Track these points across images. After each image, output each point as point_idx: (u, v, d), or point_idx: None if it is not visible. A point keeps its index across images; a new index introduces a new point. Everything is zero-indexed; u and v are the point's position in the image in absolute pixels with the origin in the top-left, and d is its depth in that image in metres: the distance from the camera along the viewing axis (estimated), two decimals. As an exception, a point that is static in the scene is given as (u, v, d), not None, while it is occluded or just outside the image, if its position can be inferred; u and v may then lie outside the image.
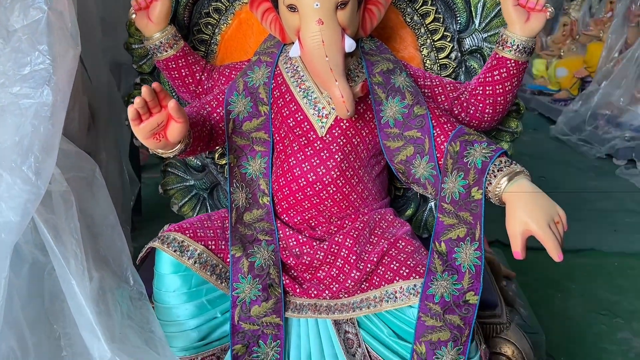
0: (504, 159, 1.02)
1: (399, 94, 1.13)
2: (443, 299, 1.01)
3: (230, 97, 1.20)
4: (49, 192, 0.97)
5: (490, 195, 1.01)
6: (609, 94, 4.39)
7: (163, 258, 1.08)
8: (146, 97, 0.94)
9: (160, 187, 1.49)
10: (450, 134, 1.09)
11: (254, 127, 1.20)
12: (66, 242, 0.96)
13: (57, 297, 1.03)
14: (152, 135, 0.99)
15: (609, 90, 4.40)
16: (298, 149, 1.16)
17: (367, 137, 1.17)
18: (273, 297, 1.12)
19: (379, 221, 1.17)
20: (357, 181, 1.17)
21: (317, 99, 1.15)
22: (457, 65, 1.37)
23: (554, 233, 0.93)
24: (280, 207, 1.19)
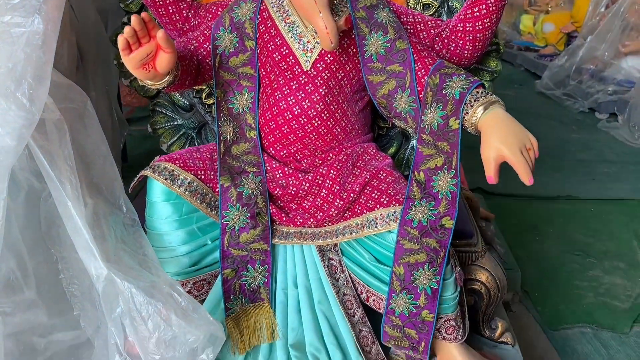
0: (481, 90, 1.07)
1: (381, 29, 1.16)
2: (420, 224, 1.07)
3: (217, 32, 1.22)
4: (43, 120, 1.00)
5: (467, 125, 1.06)
6: (594, 49, 4.43)
7: (155, 186, 1.13)
8: (135, 27, 0.96)
9: (149, 126, 1.52)
10: (431, 67, 1.13)
11: (241, 62, 1.23)
12: (61, 168, 1.00)
13: (54, 223, 1.07)
14: (141, 66, 1.02)
15: (594, 44, 4.43)
16: (283, 83, 1.19)
17: (350, 71, 1.20)
18: (261, 224, 1.17)
19: (362, 154, 1.22)
20: (341, 115, 1.21)
21: (302, 33, 1.18)
22: (440, 5, 1.40)
23: (525, 158, 0.99)
24: (267, 140, 1.23)
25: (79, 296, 1.09)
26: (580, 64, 4.51)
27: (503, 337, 1.30)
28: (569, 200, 2.59)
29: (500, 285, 1.27)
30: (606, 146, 3.40)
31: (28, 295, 1.04)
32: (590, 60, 4.45)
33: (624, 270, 2.00)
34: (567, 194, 2.64)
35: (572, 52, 4.62)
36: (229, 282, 1.17)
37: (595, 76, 4.35)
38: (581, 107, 4.16)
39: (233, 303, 1.17)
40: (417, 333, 1.12)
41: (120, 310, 0.98)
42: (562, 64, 4.64)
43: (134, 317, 0.96)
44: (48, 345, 1.06)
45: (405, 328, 1.12)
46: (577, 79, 4.47)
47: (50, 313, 1.07)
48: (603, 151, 3.30)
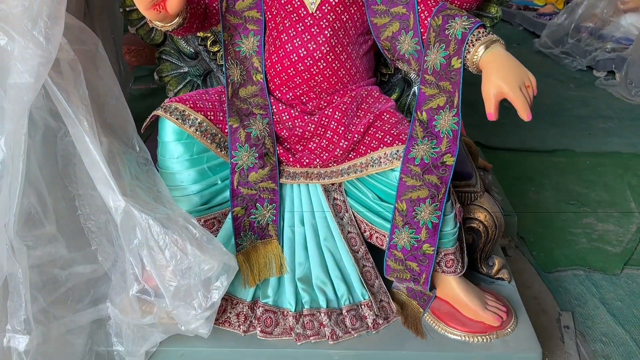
0: (482, 30, 1.10)
1: (385, -27, 1.19)
2: (422, 161, 1.12)
3: (223, -22, 1.24)
4: (58, 59, 1.03)
5: (468, 64, 1.10)
6: (593, 6, 4.41)
7: (166, 126, 1.17)
8: (147, -34, 0.99)
9: (156, 74, 1.55)
10: (434, 9, 1.16)
11: (247, 5, 1.25)
12: (77, 106, 1.03)
13: (70, 161, 1.11)
14: (152, 6, 1.04)
15: (593, 2, 4.41)
16: (289, 26, 1.22)
17: (355, 14, 1.23)
18: (269, 164, 1.22)
19: (366, 97, 1.26)
20: (346, 57, 1.24)
21: (308, -24, 1.20)
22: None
23: (524, 95, 1.03)
24: (273, 83, 1.27)
25: (95, 232, 1.14)
26: (579, 22, 4.49)
27: (500, 274, 1.37)
28: (565, 153, 2.64)
29: (497, 224, 1.33)
30: (603, 103, 3.43)
31: (49, 229, 1.08)
32: (589, 18, 4.44)
33: (617, 218, 2.06)
34: (563, 147, 2.69)
35: (571, 10, 4.60)
36: (239, 219, 1.22)
37: (594, 34, 4.34)
38: (579, 65, 4.17)
39: (243, 239, 1.22)
40: (418, 266, 1.18)
41: (137, 241, 1.04)
42: (560, 22, 4.62)
43: (152, 247, 1.02)
44: (69, 277, 1.11)
45: (407, 261, 1.18)
46: (575, 37, 4.47)
47: (70, 247, 1.12)
48: (600, 107, 3.33)
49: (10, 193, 0.97)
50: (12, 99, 0.96)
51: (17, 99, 0.96)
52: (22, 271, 0.98)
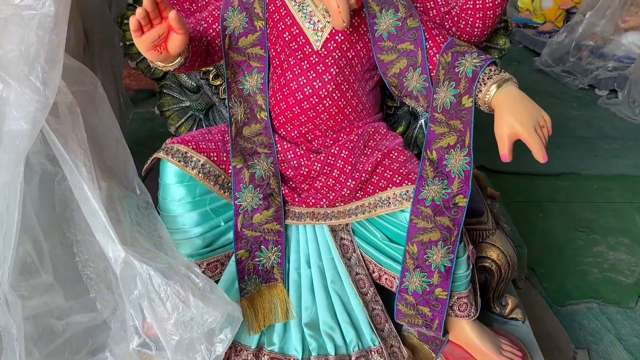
0: (494, 67, 1.07)
1: (392, 7, 1.16)
2: (434, 202, 1.08)
3: (226, 12, 1.21)
4: (56, 103, 1.00)
5: (480, 103, 1.06)
6: (593, 25, 4.40)
7: (168, 168, 1.13)
8: (147, 8, 0.96)
9: (157, 108, 1.52)
10: (442, 45, 1.13)
11: (250, 42, 1.22)
12: (75, 152, 1.00)
13: (68, 206, 1.08)
14: (153, 47, 1.01)
15: (594, 20, 4.40)
16: (294, 63, 1.19)
17: (361, 50, 1.20)
18: (273, 205, 1.18)
19: (373, 134, 1.22)
20: (352, 95, 1.21)
21: (312, 12, 1.17)
22: (448, -17, 1.38)
23: (539, 136, 0.99)
24: (278, 121, 1.23)
25: (94, 279, 1.10)
26: (579, 41, 4.49)
27: (513, 314, 1.32)
28: (571, 176, 2.61)
29: (510, 263, 1.29)
30: (606, 122, 3.40)
31: (45, 278, 1.04)
32: (590, 36, 4.43)
33: (628, 245, 2.02)
34: (569, 170, 2.65)
35: (571, 28, 4.60)
36: (243, 262, 1.17)
37: (595, 52, 4.33)
38: (581, 84, 4.15)
39: (247, 283, 1.18)
40: (430, 311, 1.14)
41: (138, 292, 0.99)
42: (561, 40, 4.62)
43: (153, 299, 0.97)
44: (66, 327, 1.07)
45: (418, 306, 1.14)
46: (576, 55, 4.45)
47: (67, 295, 1.08)
48: (603, 128, 3.31)
49: (4, 245, 0.93)
50: (8, 148, 0.92)
51: (13, 147, 0.92)
52: (17, 326, 0.94)
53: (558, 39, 4.64)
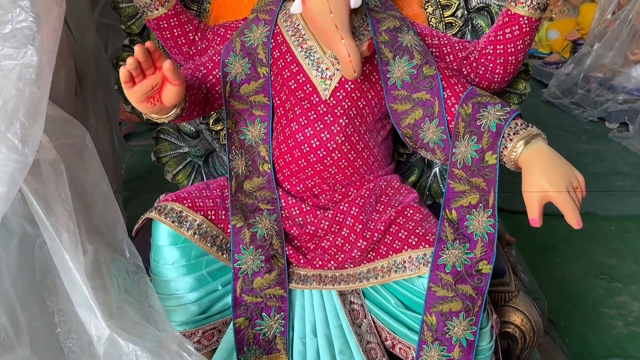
0: (519, 121, 0.97)
1: (406, 54, 1.07)
2: (455, 269, 0.97)
3: (227, 58, 1.13)
4: (37, 160, 0.90)
5: (505, 160, 0.96)
6: (601, 56, 4.34)
7: (160, 229, 1.03)
8: (139, 58, 0.87)
9: (153, 154, 1.43)
10: (462, 95, 1.03)
11: (253, 90, 1.13)
12: (57, 214, 0.90)
13: (49, 272, 0.97)
14: (146, 99, 0.92)
15: (602, 52, 4.34)
16: (300, 113, 1.10)
17: (373, 99, 1.11)
18: (276, 268, 1.07)
19: (385, 188, 1.13)
20: (363, 147, 1.11)
21: (320, 59, 1.08)
22: (464, 24, 1.30)
23: (572, 198, 0.89)
24: (282, 174, 1.14)
25: (77, 352, 0.98)
26: (587, 72, 4.42)
27: (538, 383, 1.21)
28: (588, 217, 2.49)
29: (535, 328, 1.17)
30: (619, 157, 3.30)
31: (21, 353, 0.93)
32: (598, 68, 4.37)
33: (653, 295, 1.90)
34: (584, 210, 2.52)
35: (578, 60, 4.53)
36: (242, 331, 1.06)
37: (604, 85, 4.25)
38: (590, 117, 4.07)
39: (247, 355, 1.06)
40: (450, 387, 1.02)
41: (124, 373, 0.88)
42: (568, 72, 4.55)
43: (140, 382, 0.86)
44: (45, 407, 0.96)
45: (437, 381, 1.02)
46: (585, 87, 4.38)
47: (47, 371, 0.97)
48: (616, 163, 3.21)
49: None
50: (-20, 212, 0.83)
51: (-14, 211, 0.83)
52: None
53: (566, 71, 4.57)
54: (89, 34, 1.41)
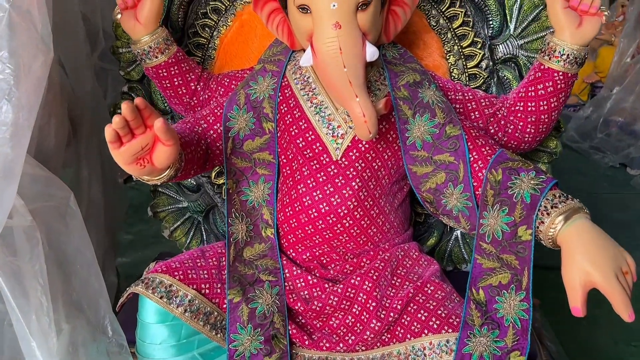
0: (557, 192, 0.85)
1: (427, 111, 0.96)
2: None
3: (230, 111, 1.03)
4: (10, 228, 0.80)
5: (541, 237, 0.84)
6: (622, 100, 4.23)
7: (147, 305, 0.91)
8: (127, 116, 0.77)
9: (150, 209, 1.32)
10: (490, 159, 0.92)
11: (257, 146, 1.03)
12: (29, 290, 0.79)
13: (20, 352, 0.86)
14: (134, 161, 0.82)
15: (622, 96, 4.24)
16: (308, 174, 0.99)
17: (389, 160, 1.00)
18: (277, 350, 0.94)
19: (402, 259, 1.00)
20: (378, 212, 1.00)
21: (332, 115, 0.98)
22: (489, 76, 1.20)
23: (622, 285, 0.77)
24: (287, 241, 1.02)
25: None
26: (607, 116, 4.30)
27: None
28: (615, 274, 2.33)
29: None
30: (644, 206, 3.16)
31: None
32: (618, 112, 4.25)
33: (692, 367, 1.74)
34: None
35: (598, 103, 4.43)
36: (237, 422, 0.93)
37: (625, 129, 4.14)
38: (611, 162, 3.93)
39: None
40: None
41: None
42: (587, 115, 4.44)
43: None
44: None
45: None
46: (605, 131, 4.26)
47: None
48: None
49: None
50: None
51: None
52: None
53: (585, 114, 4.46)
54: (86, 80, 1.32)
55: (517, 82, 1.18)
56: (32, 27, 0.85)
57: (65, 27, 1.25)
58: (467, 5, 1.18)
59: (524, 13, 1.16)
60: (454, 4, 1.18)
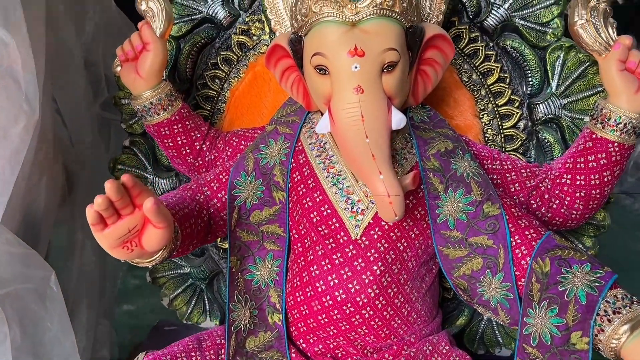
0: (619, 292, 0.72)
1: (462, 186, 0.84)
2: None
3: (236, 178, 0.91)
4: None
5: (600, 347, 0.70)
6: (653, 143, 4.07)
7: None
8: (111, 197, 0.66)
9: (149, 274, 1.20)
10: (535, 244, 0.79)
11: (266, 218, 0.91)
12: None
13: None
14: (120, 244, 0.70)
15: (654, 137, 4.08)
16: (323, 255, 0.86)
17: (417, 239, 0.87)
18: None
19: (430, 355, 0.87)
20: (403, 301, 0.86)
21: (351, 188, 0.86)
22: (527, 137, 1.07)
23: None
24: (296, 329, 0.89)
25: None
26: (638, 159, 4.13)
27: None
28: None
29: None
30: (685, 259, 2.96)
31: None
32: (650, 155, 4.09)
33: None
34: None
35: (628, 145, 4.27)
36: None
37: (657, 173, 3.96)
38: (643, 208, 3.76)
39: None
40: None
41: None
42: (617, 158, 4.28)
43: None
44: None
45: None
46: (635, 175, 4.08)
47: None
48: (682, 266, 2.86)
49: None
50: None
51: None
52: None
53: (613, 157, 4.31)
54: (86, 131, 1.22)
55: (559, 145, 1.05)
56: (14, 85, 0.75)
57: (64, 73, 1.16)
58: (503, 60, 1.07)
59: (568, 70, 1.04)
60: (489, 58, 1.06)
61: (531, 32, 1.04)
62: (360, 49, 0.76)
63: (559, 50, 1.04)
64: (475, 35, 1.05)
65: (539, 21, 1.04)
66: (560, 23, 1.04)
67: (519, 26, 1.05)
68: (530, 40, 1.05)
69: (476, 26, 1.05)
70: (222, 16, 1.11)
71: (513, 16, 1.05)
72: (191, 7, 1.12)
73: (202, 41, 1.13)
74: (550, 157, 1.05)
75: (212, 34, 1.13)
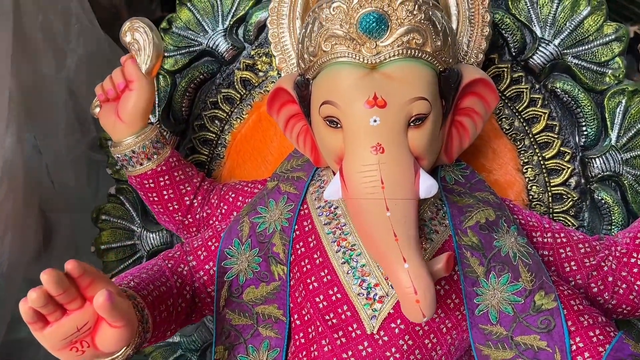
0: None
1: (507, 269, 0.66)
2: None
3: (228, 246, 0.75)
4: None
5: None
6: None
7: None
8: (51, 292, 0.50)
9: (133, 342, 1.05)
10: (603, 350, 0.61)
11: (262, 296, 0.74)
12: None
13: None
14: (67, 345, 0.54)
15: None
16: (330, 351, 0.69)
17: (449, 333, 0.69)
18: None
19: None
20: (430, 412, 0.69)
21: (367, 268, 0.69)
22: (579, 197, 0.90)
23: None
24: None
25: None
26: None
27: None
28: None
29: None
30: None
31: None
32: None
33: None
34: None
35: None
36: None
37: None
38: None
39: None
40: None
41: None
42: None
43: None
44: None
45: None
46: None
47: None
48: None
49: None
50: None
51: None
52: None
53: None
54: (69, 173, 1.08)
55: (619, 207, 0.88)
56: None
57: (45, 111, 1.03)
58: (551, 105, 0.90)
59: (631, 118, 0.88)
60: (535, 103, 0.90)
61: (587, 73, 0.89)
62: (380, 98, 0.60)
63: (621, 95, 0.88)
64: (519, 76, 0.90)
65: (596, 60, 0.88)
66: (622, 63, 0.88)
67: (572, 66, 0.89)
68: (585, 83, 0.89)
69: (520, 65, 0.90)
70: (224, 49, 0.97)
71: (565, 54, 0.89)
72: (189, 37, 0.99)
73: (200, 76, 0.99)
74: (608, 222, 0.88)
75: (212, 69, 0.99)
